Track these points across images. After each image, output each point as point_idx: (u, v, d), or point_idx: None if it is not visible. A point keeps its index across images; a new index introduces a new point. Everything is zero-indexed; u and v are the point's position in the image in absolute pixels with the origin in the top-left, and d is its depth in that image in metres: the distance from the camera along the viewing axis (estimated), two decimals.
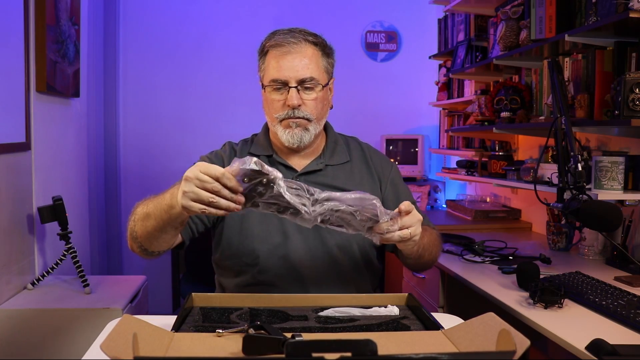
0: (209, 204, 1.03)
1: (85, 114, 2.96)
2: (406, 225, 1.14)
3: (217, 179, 1.02)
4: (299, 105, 1.37)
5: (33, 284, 2.13)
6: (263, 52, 1.44)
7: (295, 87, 1.37)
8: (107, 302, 2.00)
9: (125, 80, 3.64)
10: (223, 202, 1.03)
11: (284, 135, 1.40)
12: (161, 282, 3.47)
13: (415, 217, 1.16)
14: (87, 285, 2.11)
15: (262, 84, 1.44)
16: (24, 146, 2.13)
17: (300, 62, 1.37)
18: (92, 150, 3.30)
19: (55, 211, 2.12)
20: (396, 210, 1.14)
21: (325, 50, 1.44)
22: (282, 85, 1.38)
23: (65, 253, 2.15)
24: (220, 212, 1.04)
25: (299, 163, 1.46)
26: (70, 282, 2.22)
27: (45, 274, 2.16)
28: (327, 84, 1.44)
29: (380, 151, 1.62)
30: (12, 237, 2.01)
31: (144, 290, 2.32)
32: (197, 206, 1.04)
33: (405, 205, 1.14)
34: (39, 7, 2.19)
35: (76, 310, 1.94)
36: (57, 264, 2.16)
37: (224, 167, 1.45)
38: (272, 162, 1.45)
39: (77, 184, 2.77)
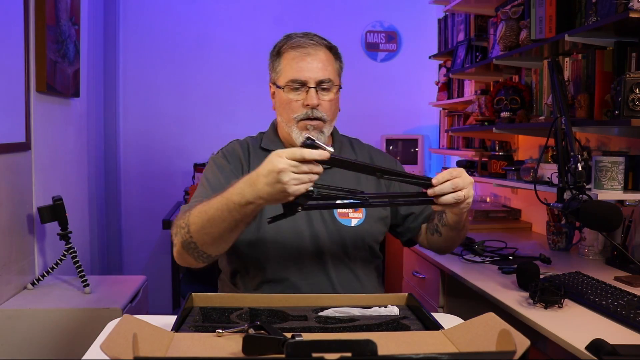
0: (310, 180, 1.10)
1: (85, 114, 2.96)
2: (459, 186, 1.19)
3: (303, 159, 1.09)
4: (317, 105, 1.41)
5: (33, 284, 2.13)
6: (278, 54, 1.46)
7: (314, 87, 1.40)
8: (107, 302, 2.00)
9: (125, 80, 3.64)
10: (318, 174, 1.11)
11: (300, 137, 1.42)
12: (161, 282, 3.47)
13: (467, 179, 1.21)
14: (87, 285, 2.11)
15: (277, 85, 1.46)
16: (24, 146, 2.13)
17: (318, 64, 1.42)
18: (92, 150, 3.30)
19: (55, 211, 2.12)
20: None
21: (337, 54, 1.49)
22: (301, 85, 1.41)
23: (65, 253, 2.15)
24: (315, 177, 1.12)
25: None
26: (70, 282, 2.22)
27: (45, 274, 2.16)
28: (340, 86, 1.48)
29: (382, 150, 1.64)
30: (12, 237, 2.01)
31: (144, 290, 2.32)
32: (303, 187, 1.10)
33: (457, 170, 1.20)
34: (39, 7, 2.19)
35: (76, 310, 1.94)
36: (57, 264, 2.16)
37: (241, 163, 1.44)
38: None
39: (77, 184, 2.77)
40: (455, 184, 1.18)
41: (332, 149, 1.11)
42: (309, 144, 1.09)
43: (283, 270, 1.40)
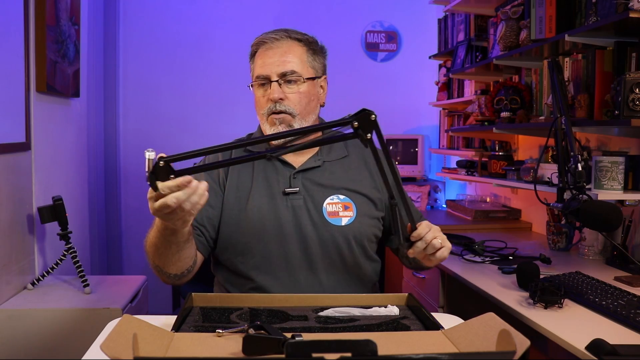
0: (193, 209, 1.03)
1: (85, 114, 2.96)
2: (429, 239, 1.21)
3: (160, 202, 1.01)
4: (281, 99, 1.38)
5: (33, 284, 2.13)
6: (251, 55, 1.47)
7: (277, 81, 1.39)
8: (107, 302, 2.00)
9: (125, 80, 3.64)
10: (193, 199, 1.02)
11: (269, 132, 1.41)
12: (161, 282, 3.46)
13: (436, 229, 1.24)
14: (87, 285, 2.11)
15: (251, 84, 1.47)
16: (24, 146, 2.13)
17: (280, 57, 1.40)
18: (92, 150, 3.30)
19: (55, 211, 2.12)
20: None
21: (312, 47, 1.46)
22: (266, 81, 1.40)
23: (65, 253, 2.15)
24: (203, 201, 1.04)
25: (295, 160, 1.46)
26: (70, 282, 2.22)
27: (45, 274, 2.16)
28: (314, 79, 1.44)
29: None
30: (12, 237, 2.01)
31: (144, 290, 2.32)
32: (187, 220, 1.05)
33: (422, 227, 1.21)
34: (39, 7, 2.19)
35: (76, 310, 1.94)
36: (57, 264, 2.16)
37: (219, 170, 1.44)
38: (269, 158, 1.45)
39: (77, 184, 2.77)
40: (427, 237, 1.21)
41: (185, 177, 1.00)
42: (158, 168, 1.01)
43: (270, 278, 1.38)
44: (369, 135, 1.05)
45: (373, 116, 1.04)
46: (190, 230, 1.19)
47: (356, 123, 1.04)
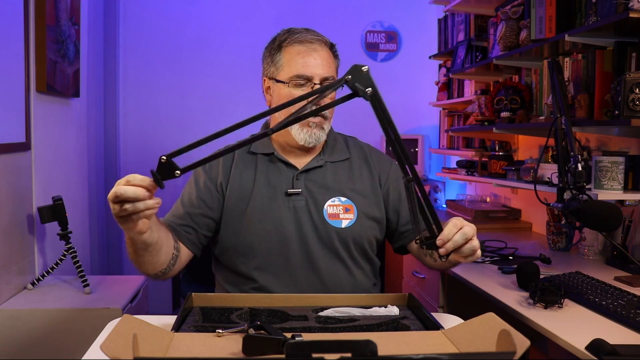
0: (134, 211, 1.04)
1: (85, 114, 2.96)
2: (469, 235, 1.11)
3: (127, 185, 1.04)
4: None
5: (33, 284, 2.13)
6: (278, 48, 1.44)
7: (319, 84, 1.39)
8: (107, 302, 2.00)
9: (125, 80, 3.64)
10: (140, 205, 1.04)
11: (300, 134, 1.40)
12: (161, 282, 3.46)
13: (472, 226, 1.13)
14: (87, 285, 2.11)
15: (276, 79, 1.43)
16: (24, 146, 2.13)
17: (323, 61, 1.41)
18: (92, 150, 3.30)
19: (55, 211, 2.12)
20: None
21: (336, 53, 1.48)
22: (306, 81, 1.39)
23: (65, 253, 2.15)
24: (149, 212, 1.04)
25: (299, 161, 1.46)
26: (70, 282, 2.22)
27: (45, 274, 2.16)
28: None
29: (380, 150, 1.62)
30: (12, 237, 2.01)
31: (144, 290, 2.32)
32: (138, 227, 1.06)
33: (459, 220, 1.12)
34: (39, 7, 2.19)
35: (76, 310, 1.94)
36: (57, 264, 2.16)
37: (220, 171, 1.44)
38: (272, 160, 1.46)
39: (77, 184, 2.77)
40: (465, 233, 1.10)
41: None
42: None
43: (272, 279, 1.39)
44: (369, 90, 1.00)
45: (364, 68, 0.99)
46: (157, 240, 1.20)
47: (349, 76, 1.00)
